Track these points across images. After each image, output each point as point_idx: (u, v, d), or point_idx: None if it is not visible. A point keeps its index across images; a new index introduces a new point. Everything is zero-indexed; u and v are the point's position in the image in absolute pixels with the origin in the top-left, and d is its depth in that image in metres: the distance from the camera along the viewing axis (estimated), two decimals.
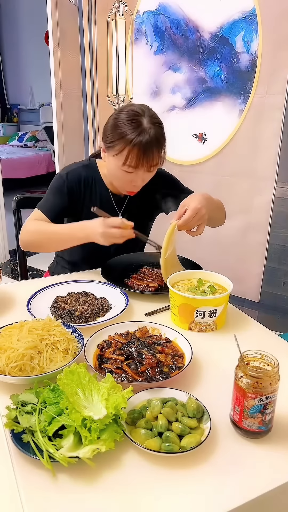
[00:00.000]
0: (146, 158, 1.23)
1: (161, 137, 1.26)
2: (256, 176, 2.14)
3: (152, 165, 1.26)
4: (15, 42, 6.84)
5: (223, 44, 2.08)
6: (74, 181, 1.38)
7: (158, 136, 1.24)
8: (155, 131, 1.23)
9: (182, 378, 0.86)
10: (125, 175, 1.28)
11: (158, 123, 1.27)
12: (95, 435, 0.66)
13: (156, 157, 1.25)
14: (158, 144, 1.24)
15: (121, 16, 2.32)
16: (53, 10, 2.42)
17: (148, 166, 1.26)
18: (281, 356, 0.75)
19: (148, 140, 1.21)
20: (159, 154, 1.26)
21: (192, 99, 2.25)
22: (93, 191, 1.41)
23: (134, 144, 1.20)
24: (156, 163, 1.27)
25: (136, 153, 1.22)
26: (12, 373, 0.82)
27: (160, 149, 1.26)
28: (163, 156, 1.30)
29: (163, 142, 1.27)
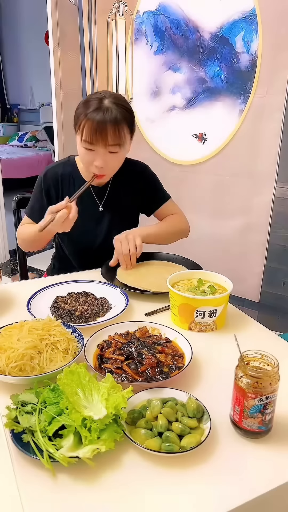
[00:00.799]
0: (100, 134, 1.22)
1: (121, 118, 1.24)
2: (256, 176, 2.14)
3: (108, 143, 1.24)
4: (15, 42, 6.84)
5: (223, 44, 2.08)
6: (51, 180, 1.42)
7: (117, 116, 1.23)
8: (115, 110, 1.23)
9: (182, 378, 0.86)
10: (87, 154, 1.28)
11: (121, 105, 1.26)
12: (95, 435, 0.66)
13: (112, 136, 1.23)
14: (115, 122, 1.22)
15: (121, 16, 2.32)
16: (53, 10, 2.42)
17: (103, 143, 1.24)
18: (281, 356, 0.75)
19: (103, 116, 1.21)
20: (116, 133, 1.24)
21: (192, 99, 2.25)
22: (71, 186, 1.43)
23: (88, 118, 1.22)
24: (114, 143, 1.25)
25: (90, 127, 1.22)
26: (12, 373, 0.82)
27: (117, 129, 1.23)
28: (124, 140, 1.28)
29: (123, 123, 1.25)
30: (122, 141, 1.27)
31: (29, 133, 6.80)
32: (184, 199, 1.61)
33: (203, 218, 2.30)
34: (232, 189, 2.23)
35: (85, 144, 1.26)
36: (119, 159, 1.33)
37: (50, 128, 5.14)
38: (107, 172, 1.34)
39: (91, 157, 1.28)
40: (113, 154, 1.28)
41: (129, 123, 1.29)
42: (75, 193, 1.24)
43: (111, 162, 1.30)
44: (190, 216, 1.60)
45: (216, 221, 2.30)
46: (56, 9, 2.42)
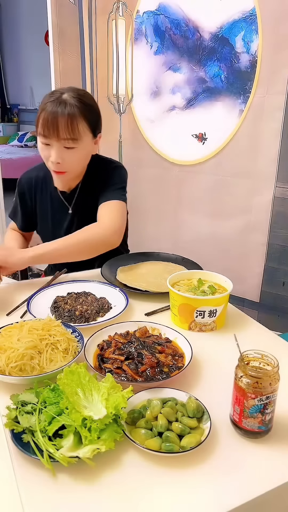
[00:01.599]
0: (52, 126, 1.17)
1: (78, 112, 1.19)
2: (256, 176, 2.14)
3: (60, 137, 1.19)
4: (15, 42, 6.84)
5: (223, 44, 2.08)
6: (25, 184, 1.45)
7: (73, 109, 1.18)
8: (71, 104, 1.18)
9: (182, 378, 0.86)
10: (44, 149, 1.24)
11: (81, 100, 1.21)
12: (95, 435, 0.66)
13: (65, 129, 1.18)
14: (68, 115, 1.17)
15: (121, 16, 2.32)
16: (53, 10, 2.42)
17: (55, 136, 1.19)
18: (281, 356, 0.75)
19: (56, 108, 1.17)
20: (68, 127, 1.18)
21: (192, 99, 2.25)
22: (43, 191, 1.44)
23: (43, 109, 1.19)
24: (68, 137, 1.19)
25: (43, 118, 1.19)
26: (12, 373, 0.82)
27: (70, 122, 1.18)
28: (80, 134, 1.22)
29: (79, 118, 1.20)
30: (77, 136, 1.21)
31: (29, 133, 6.81)
32: (184, 199, 1.61)
33: (203, 218, 2.31)
34: (232, 189, 2.23)
35: (40, 138, 1.23)
36: (77, 156, 1.26)
37: None
38: (65, 169, 1.27)
39: (48, 152, 1.23)
40: (69, 150, 1.22)
41: (88, 120, 1.23)
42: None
43: (67, 158, 1.24)
44: (190, 216, 1.60)
45: (216, 221, 2.30)
46: (56, 9, 2.42)
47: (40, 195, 1.43)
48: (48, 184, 1.42)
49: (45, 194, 1.42)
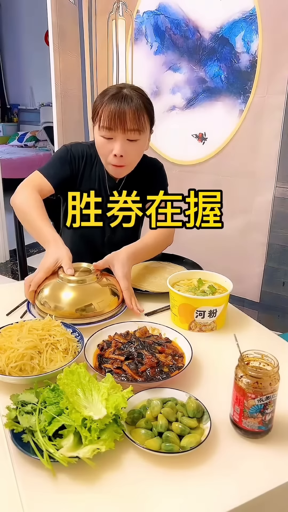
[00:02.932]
0: (119, 118, 1.19)
1: (140, 103, 1.23)
2: (256, 176, 2.14)
3: (126, 128, 1.21)
4: (15, 42, 6.84)
5: (223, 44, 2.08)
6: (78, 154, 1.38)
7: (136, 101, 1.22)
8: (133, 97, 1.22)
9: (182, 378, 0.86)
10: (104, 143, 1.25)
11: (139, 92, 1.26)
12: (95, 435, 0.66)
13: (131, 120, 1.21)
14: (134, 107, 1.21)
15: (121, 16, 2.32)
16: (53, 10, 2.42)
17: (122, 128, 1.21)
18: (281, 356, 0.75)
19: (121, 101, 1.20)
20: (135, 118, 1.21)
21: (192, 99, 2.25)
22: (92, 169, 1.40)
23: (107, 104, 1.21)
24: (133, 128, 1.22)
25: (108, 112, 1.20)
26: (12, 373, 0.82)
27: (137, 113, 1.21)
28: (144, 126, 1.25)
29: (142, 110, 1.23)
30: (142, 128, 1.24)
31: (29, 133, 6.80)
32: None
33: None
34: (232, 189, 2.23)
35: (103, 132, 1.23)
36: (138, 149, 1.29)
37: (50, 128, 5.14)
38: (126, 163, 1.29)
39: (110, 146, 1.24)
40: (132, 143, 1.24)
41: (148, 113, 1.27)
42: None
43: (130, 151, 1.26)
44: None
45: None
46: (56, 9, 2.42)
47: (89, 171, 1.39)
48: (98, 163, 1.39)
49: (94, 173, 1.39)
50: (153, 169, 1.49)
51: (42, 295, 1.09)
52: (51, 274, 1.14)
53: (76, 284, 1.08)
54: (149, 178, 1.46)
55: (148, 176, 1.46)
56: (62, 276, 1.10)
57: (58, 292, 1.08)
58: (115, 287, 1.14)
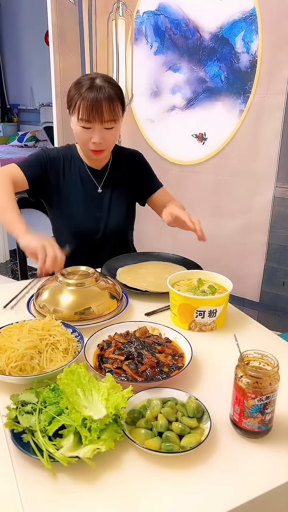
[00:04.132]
0: (96, 111, 1.29)
1: (113, 94, 1.31)
2: (256, 176, 2.14)
3: (104, 120, 1.31)
4: (15, 42, 6.84)
5: (223, 44, 2.08)
6: (53, 155, 1.46)
7: (110, 93, 1.30)
8: (108, 88, 1.30)
9: (182, 378, 0.86)
10: (84, 132, 1.34)
11: (112, 83, 1.34)
12: (95, 435, 0.66)
13: (108, 112, 1.30)
14: (109, 99, 1.30)
15: (121, 16, 2.32)
16: (53, 10, 2.42)
17: (99, 120, 1.30)
18: (281, 356, 0.75)
19: (98, 94, 1.28)
20: (111, 109, 1.31)
21: (192, 99, 2.25)
22: (71, 166, 1.48)
23: (83, 97, 1.29)
24: (110, 119, 1.32)
25: (86, 105, 1.29)
26: (12, 373, 0.82)
27: (112, 105, 1.31)
28: (118, 114, 1.35)
29: (116, 99, 1.32)
30: (117, 117, 1.34)
31: (29, 133, 6.80)
32: (184, 199, 1.61)
33: (203, 218, 2.28)
34: (232, 189, 2.23)
35: (82, 123, 1.32)
36: (115, 134, 1.39)
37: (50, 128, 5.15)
38: (105, 147, 1.39)
39: (88, 135, 1.34)
40: (109, 130, 1.35)
41: (121, 100, 1.36)
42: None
43: (108, 138, 1.36)
44: None
45: (216, 221, 2.30)
46: (56, 9, 2.42)
47: (68, 169, 1.47)
48: (76, 162, 1.48)
49: (73, 169, 1.47)
50: (134, 158, 1.59)
51: (41, 298, 1.10)
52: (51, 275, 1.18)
53: (75, 288, 1.09)
54: (133, 166, 1.57)
55: (131, 164, 1.57)
56: (61, 280, 1.10)
57: (57, 296, 1.08)
58: (114, 290, 1.14)
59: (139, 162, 1.60)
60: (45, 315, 1.03)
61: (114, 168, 1.52)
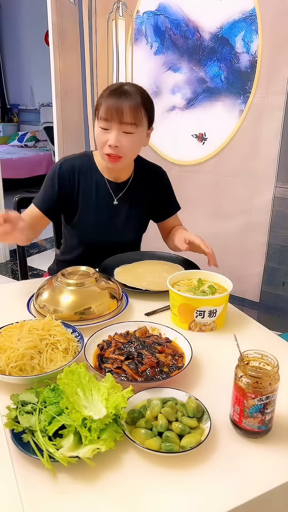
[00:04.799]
0: (116, 110, 1.23)
1: (138, 98, 1.27)
2: (256, 176, 2.14)
3: (123, 120, 1.24)
4: (15, 42, 6.84)
5: (223, 44, 2.08)
6: (67, 170, 1.40)
7: (134, 96, 1.26)
8: (132, 93, 1.26)
9: (182, 378, 0.86)
10: (102, 134, 1.28)
11: (139, 89, 1.30)
12: (95, 435, 0.66)
13: (128, 113, 1.24)
14: (132, 100, 1.25)
15: (121, 16, 2.32)
16: (53, 10, 2.42)
17: (118, 120, 1.24)
18: (281, 356, 0.75)
19: (120, 95, 1.24)
20: (132, 111, 1.25)
21: (192, 99, 2.25)
22: (87, 178, 1.42)
23: (107, 97, 1.25)
24: (129, 121, 1.25)
25: (107, 105, 1.24)
26: (12, 373, 0.82)
27: (134, 107, 1.25)
28: (141, 121, 1.28)
29: (139, 103, 1.27)
30: (138, 121, 1.27)
31: (29, 133, 6.81)
32: (184, 199, 1.61)
33: (203, 218, 2.31)
34: (232, 189, 2.23)
35: (101, 123, 1.26)
36: (133, 142, 1.31)
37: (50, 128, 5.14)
38: (121, 154, 1.31)
39: (106, 137, 1.28)
40: (127, 135, 1.27)
41: (147, 110, 1.30)
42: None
43: (124, 143, 1.28)
44: (190, 216, 1.61)
45: (216, 221, 2.30)
46: (56, 9, 2.42)
47: (84, 182, 1.41)
48: (93, 172, 1.43)
49: (89, 181, 1.42)
50: (158, 177, 1.54)
51: (41, 298, 1.09)
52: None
53: (75, 288, 1.09)
54: (155, 184, 1.52)
55: (154, 182, 1.52)
56: (61, 280, 1.10)
57: (57, 296, 1.08)
58: (114, 290, 1.14)
59: (162, 182, 1.55)
60: (45, 315, 1.03)
61: (136, 181, 1.47)
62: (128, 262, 1.39)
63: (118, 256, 1.42)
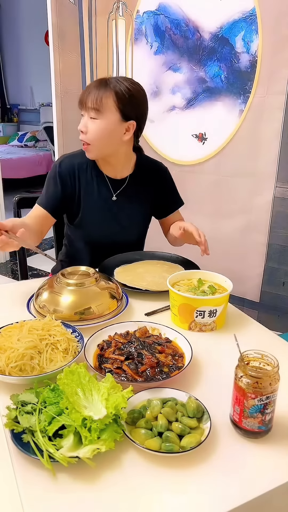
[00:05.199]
0: (84, 96, 1.29)
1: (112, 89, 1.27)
2: (256, 176, 2.14)
3: (87, 105, 1.29)
4: (15, 42, 6.84)
5: (223, 44, 2.08)
6: (67, 168, 1.41)
7: (109, 84, 1.28)
8: (112, 82, 1.28)
9: (182, 378, 0.86)
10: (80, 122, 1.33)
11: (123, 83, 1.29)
12: (95, 435, 0.66)
13: (93, 99, 1.27)
14: (100, 87, 1.27)
15: (121, 16, 2.32)
16: (53, 10, 2.42)
17: (84, 104, 1.29)
18: (281, 356, 0.75)
19: (97, 84, 1.28)
20: (97, 98, 1.26)
21: (192, 99, 2.25)
22: (88, 175, 1.43)
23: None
24: (92, 106, 1.27)
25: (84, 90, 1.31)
26: (12, 373, 0.82)
27: (100, 94, 1.27)
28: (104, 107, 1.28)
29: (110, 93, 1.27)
30: (101, 108, 1.28)
31: (29, 133, 6.80)
32: (184, 199, 1.61)
33: (203, 218, 2.30)
34: (232, 189, 2.23)
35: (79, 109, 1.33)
36: (99, 128, 1.31)
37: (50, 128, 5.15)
38: (89, 140, 1.32)
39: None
40: (92, 121, 1.30)
41: (119, 99, 1.28)
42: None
43: (90, 128, 1.31)
44: (190, 216, 1.60)
45: (216, 221, 2.30)
46: (56, 9, 2.42)
47: (84, 179, 1.42)
48: (93, 169, 1.44)
49: (90, 179, 1.43)
50: (159, 173, 1.54)
51: (41, 298, 1.09)
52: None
53: (75, 288, 1.09)
54: (156, 180, 1.52)
55: (155, 178, 1.52)
56: (61, 280, 1.10)
57: (57, 296, 1.08)
58: (114, 290, 1.14)
59: (163, 178, 1.55)
60: (45, 315, 1.03)
61: (136, 178, 1.48)
62: (128, 262, 1.39)
63: (118, 256, 1.42)
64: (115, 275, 1.31)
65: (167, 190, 1.56)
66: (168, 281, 1.11)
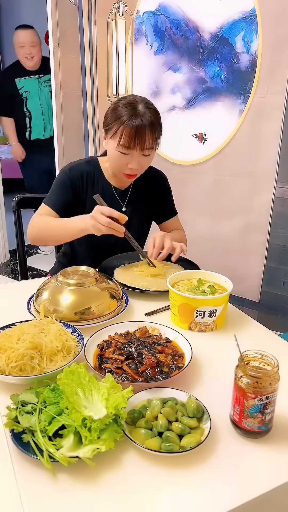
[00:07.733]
0: (139, 139, 1.29)
1: (155, 122, 1.32)
2: (256, 176, 2.14)
3: (145, 147, 1.31)
4: None
5: (223, 44, 2.08)
6: (76, 176, 1.42)
7: (152, 120, 1.30)
8: (149, 115, 1.30)
9: (182, 378, 0.86)
10: (121, 157, 1.33)
11: (153, 109, 1.34)
12: (95, 435, 0.66)
13: (149, 139, 1.30)
14: (151, 127, 1.30)
15: (121, 16, 2.32)
16: (53, 10, 2.42)
17: (141, 147, 1.30)
18: (281, 356, 0.75)
19: (141, 122, 1.28)
20: (152, 137, 1.31)
21: (192, 99, 2.25)
22: (95, 185, 1.45)
23: (127, 124, 1.28)
24: (150, 146, 1.32)
25: (129, 132, 1.28)
26: (12, 373, 0.82)
27: (153, 133, 1.31)
28: (157, 142, 1.36)
29: (157, 127, 1.33)
30: (156, 144, 1.36)
31: None
32: (184, 199, 1.61)
33: (203, 218, 2.30)
34: (232, 189, 2.23)
35: (122, 149, 1.31)
36: (150, 160, 1.41)
37: None
38: (139, 173, 1.40)
39: (126, 160, 1.33)
40: (146, 157, 1.35)
41: (160, 126, 1.36)
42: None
43: (144, 164, 1.37)
44: (190, 216, 1.61)
45: (216, 221, 2.30)
46: (56, 9, 2.42)
47: (92, 189, 1.44)
48: (100, 179, 1.46)
49: (96, 189, 1.44)
50: (159, 182, 1.58)
51: (41, 298, 1.09)
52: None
53: (75, 288, 1.09)
54: (156, 188, 1.56)
55: (155, 186, 1.56)
56: (61, 280, 1.10)
57: (57, 296, 1.08)
58: (114, 290, 1.14)
59: (163, 186, 1.59)
60: (45, 316, 1.03)
61: (138, 186, 1.51)
62: (128, 262, 1.39)
63: (118, 256, 1.42)
64: (115, 275, 1.31)
65: (164, 199, 1.60)
66: (168, 281, 1.11)
